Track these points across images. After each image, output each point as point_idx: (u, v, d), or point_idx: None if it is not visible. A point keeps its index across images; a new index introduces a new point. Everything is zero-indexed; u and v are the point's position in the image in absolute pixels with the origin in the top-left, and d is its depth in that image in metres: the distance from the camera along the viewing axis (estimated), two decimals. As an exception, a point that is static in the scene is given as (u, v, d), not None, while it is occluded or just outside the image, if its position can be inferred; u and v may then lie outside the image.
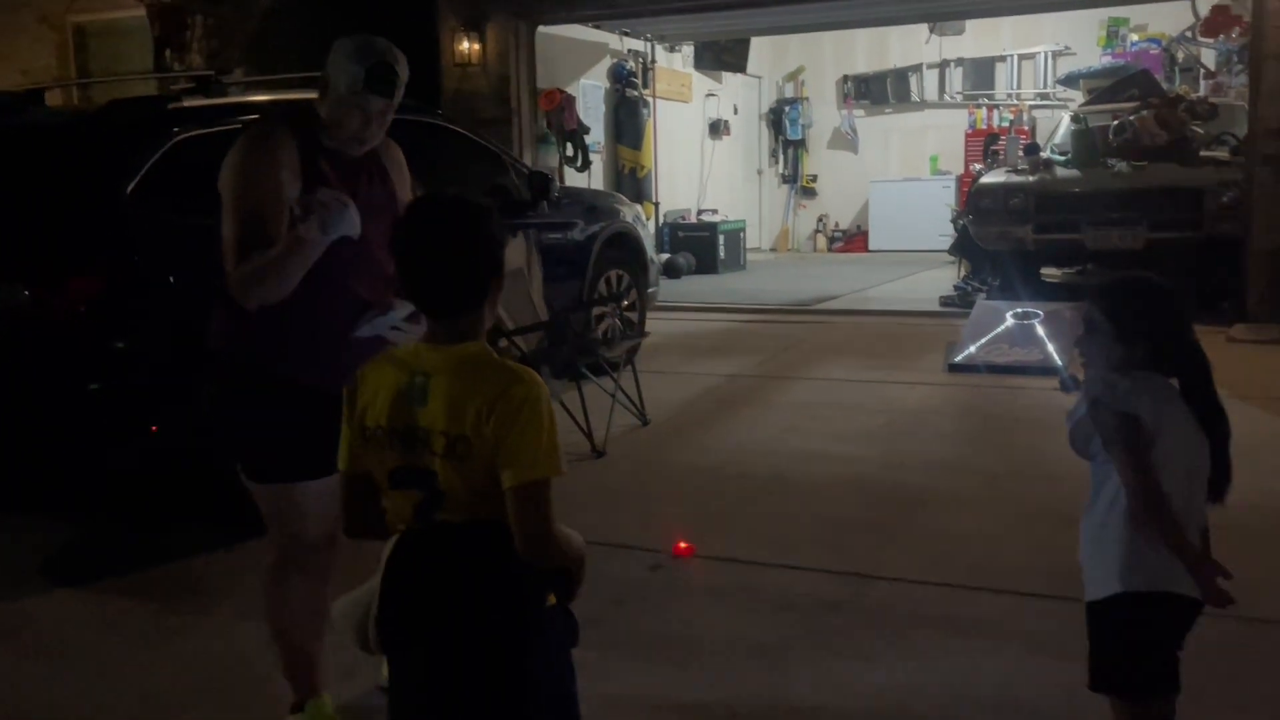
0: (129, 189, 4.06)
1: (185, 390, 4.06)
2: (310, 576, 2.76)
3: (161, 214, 4.13)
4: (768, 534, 4.28)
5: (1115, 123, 9.19)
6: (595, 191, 9.26)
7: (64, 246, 3.97)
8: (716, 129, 15.45)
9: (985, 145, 12.53)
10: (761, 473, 5.06)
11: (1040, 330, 7.10)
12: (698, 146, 15.09)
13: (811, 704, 2.98)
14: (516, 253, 5.82)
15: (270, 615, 2.80)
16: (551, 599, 1.92)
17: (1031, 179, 9.15)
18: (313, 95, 2.83)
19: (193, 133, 4.31)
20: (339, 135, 2.75)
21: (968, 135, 15.61)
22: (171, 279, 4.12)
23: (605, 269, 7.06)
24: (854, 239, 16.60)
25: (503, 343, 5.55)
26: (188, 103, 4.49)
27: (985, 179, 9.64)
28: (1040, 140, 11.77)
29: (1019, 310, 7.35)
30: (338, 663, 2.90)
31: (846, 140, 16.78)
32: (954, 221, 12.41)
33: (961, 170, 15.19)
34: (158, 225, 4.12)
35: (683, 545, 4.07)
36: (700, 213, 14.53)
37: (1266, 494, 4.19)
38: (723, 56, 14.82)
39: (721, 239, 13.65)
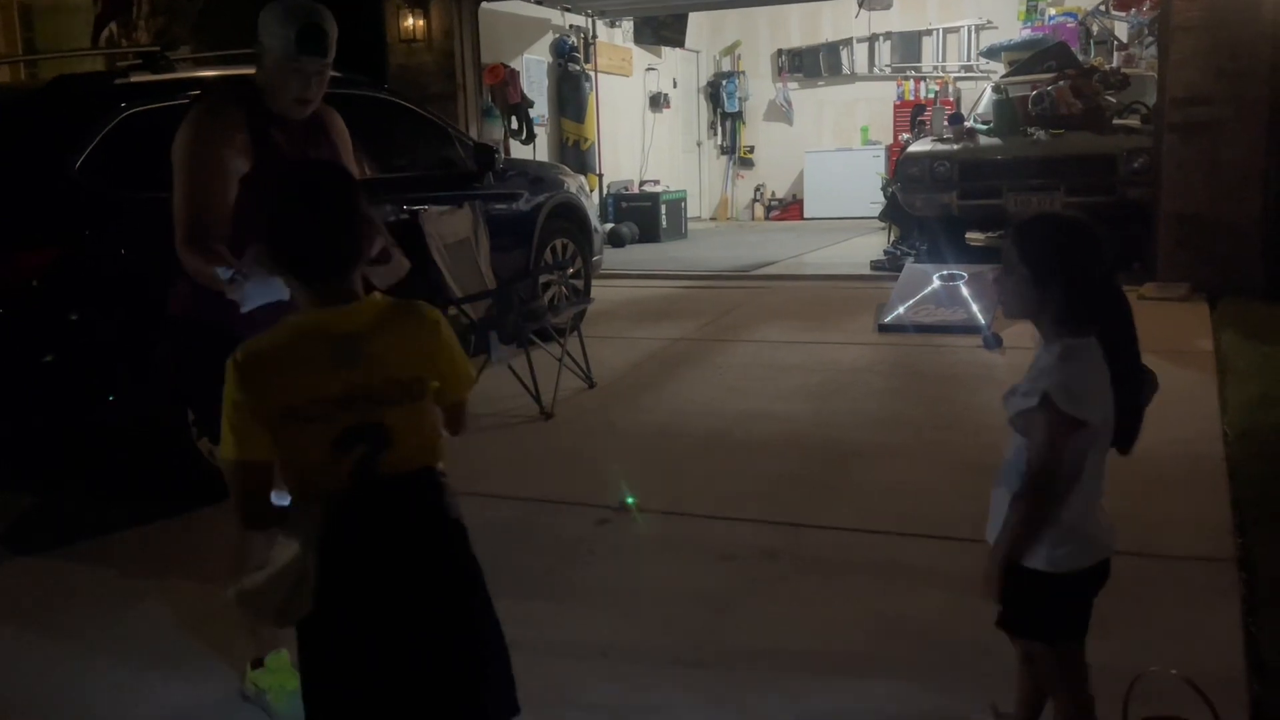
0: (78, 163, 3.97)
1: (139, 361, 4.02)
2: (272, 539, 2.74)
3: (111, 188, 4.04)
4: (710, 489, 4.32)
5: (1034, 93, 9.28)
6: (540, 163, 9.19)
7: (14, 221, 3.86)
8: (657, 102, 15.39)
9: (912, 116, 12.60)
10: (704, 431, 5.10)
11: (964, 291, 7.19)
12: (639, 119, 15.02)
13: (751, 647, 3.02)
14: (463, 223, 5.78)
15: (237, 575, 2.77)
16: None
17: (956, 147, 9.23)
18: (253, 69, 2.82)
19: (140, 108, 4.21)
20: (281, 100, 2.74)
21: (896, 106, 15.71)
22: (122, 252, 4.03)
23: (551, 238, 7.03)
24: (790, 207, 16.67)
25: (451, 310, 5.52)
26: (135, 78, 4.38)
27: (912, 148, 9.70)
28: (964, 110, 11.87)
29: (945, 273, 7.44)
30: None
31: (781, 112, 16.80)
32: (884, 189, 12.52)
33: (891, 140, 15.31)
34: (107, 199, 4.04)
35: (628, 501, 4.09)
36: (643, 184, 14.50)
37: (1170, 441, 4.29)
38: (661, 31, 14.73)
39: (663, 208, 13.64)
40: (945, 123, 9.93)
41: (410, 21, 9.96)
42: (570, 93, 12.67)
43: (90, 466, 4.56)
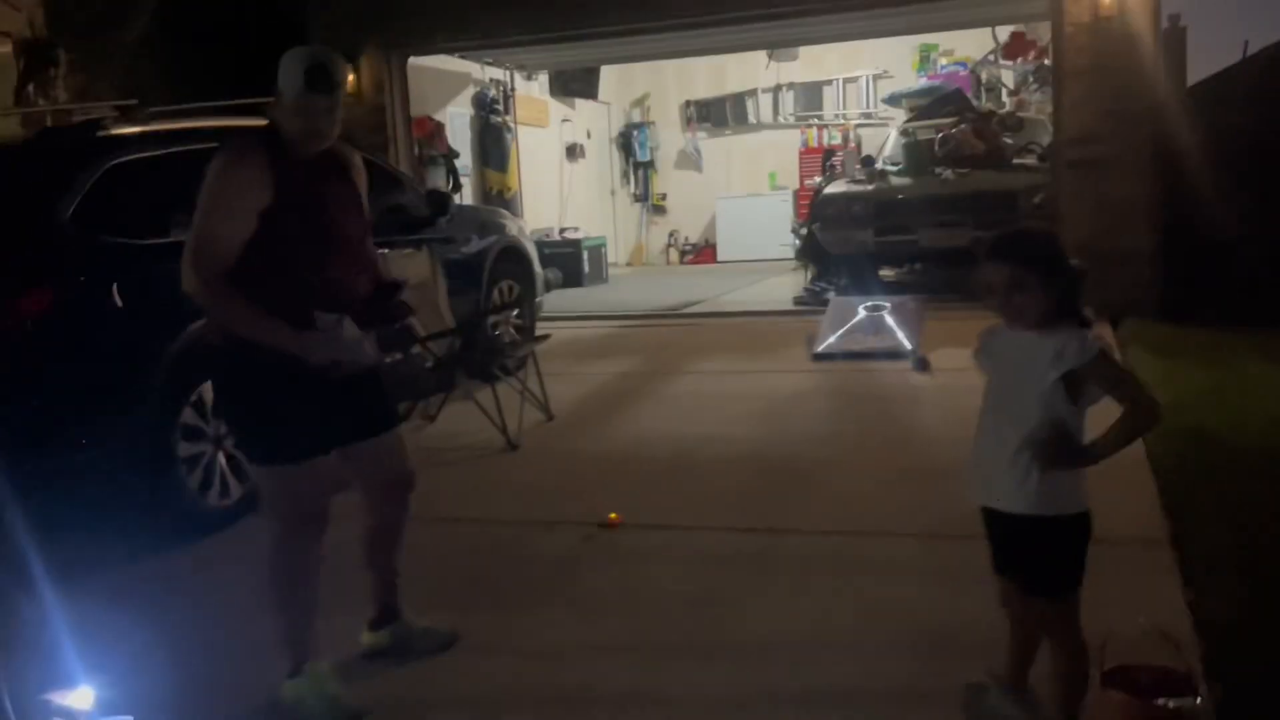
0: (69, 213, 4.08)
1: (131, 401, 4.13)
2: (309, 550, 2.90)
3: (101, 235, 4.16)
4: (681, 505, 4.55)
5: (940, 136, 9.87)
6: (485, 208, 9.43)
7: (9, 269, 3.95)
8: (573, 152, 15.73)
9: (823, 159, 13.18)
10: (665, 455, 5.34)
11: (889, 320, 7.60)
12: (556, 169, 15.33)
13: (742, 638, 3.26)
14: (422, 266, 5.96)
15: (272, 588, 2.92)
16: None
17: (870, 188, 9.74)
18: (233, 120, 2.99)
19: (124, 158, 4.34)
20: (298, 138, 2.92)
21: (801, 153, 16.35)
22: (114, 296, 4.14)
23: (498, 280, 7.25)
24: (703, 251, 17.12)
25: (416, 348, 5.69)
26: (114, 131, 4.50)
27: (829, 189, 10.20)
28: (870, 154, 12.45)
29: (870, 303, 7.85)
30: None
31: (692, 160, 17.32)
32: (794, 231, 13.06)
33: (797, 185, 15.92)
34: (98, 246, 4.15)
35: (611, 517, 4.30)
36: (562, 231, 14.78)
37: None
38: (570, 85, 15.14)
39: (586, 254, 13.95)
40: (858, 165, 10.46)
41: (340, 76, 10.12)
42: (492, 144, 12.92)
43: (81, 507, 4.57)
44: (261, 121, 3.06)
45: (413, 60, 10.68)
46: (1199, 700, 2.50)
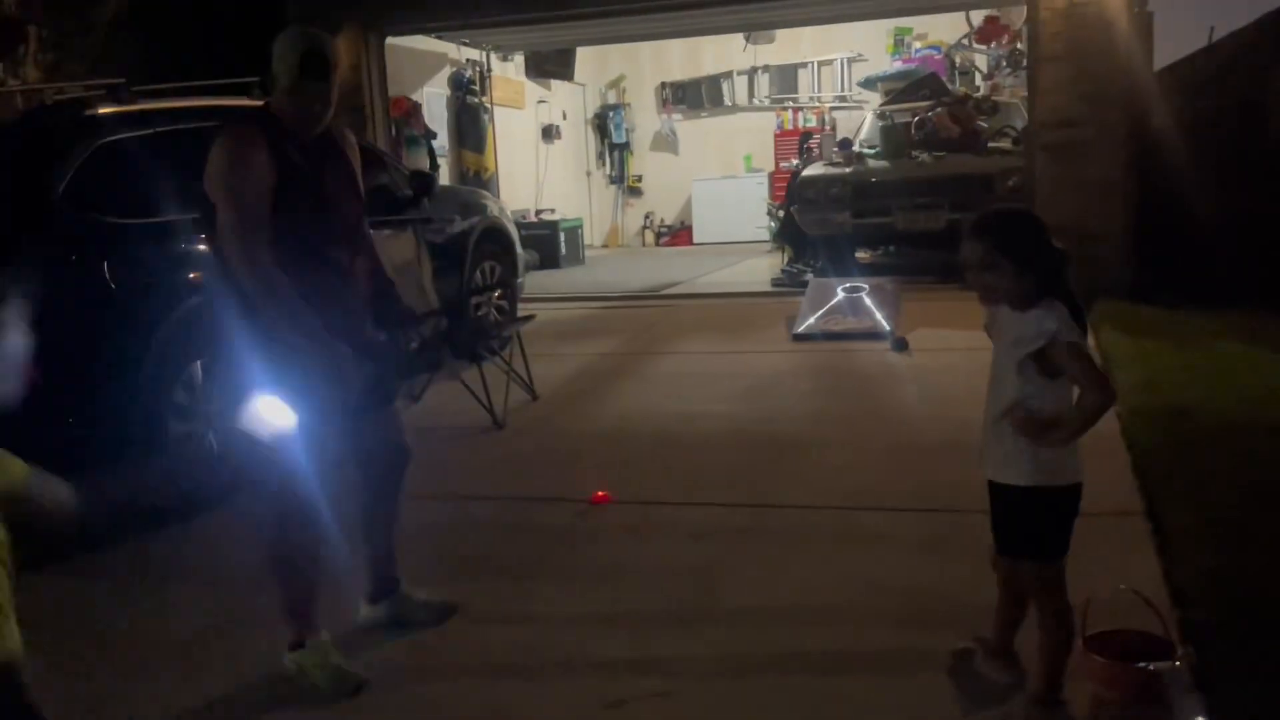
0: (59, 192, 4.09)
1: (125, 380, 4.16)
2: (311, 524, 2.95)
3: (92, 214, 4.17)
4: (670, 481, 4.63)
5: (916, 119, 9.98)
6: (467, 189, 9.44)
7: (1, 248, 3.96)
8: (549, 133, 15.73)
9: (800, 142, 13.27)
10: (651, 432, 5.42)
11: (868, 301, 7.71)
12: (533, 150, 15.34)
13: (738, 605, 3.35)
14: (407, 246, 5.99)
15: (274, 562, 2.98)
16: None
17: (848, 170, 9.84)
18: (221, 100, 3.01)
19: (114, 137, 4.35)
20: (293, 120, 2.96)
21: (777, 135, 16.42)
22: (105, 276, 4.16)
23: (481, 261, 7.28)
24: (679, 233, 17.19)
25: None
26: (102, 110, 4.50)
27: (807, 172, 10.28)
28: (847, 137, 12.54)
29: (848, 285, 7.95)
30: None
31: (667, 142, 17.37)
32: (770, 213, 13.14)
33: (773, 168, 16.00)
34: (89, 225, 4.16)
35: (600, 494, 4.38)
36: (538, 212, 14.80)
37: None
38: (545, 66, 15.13)
39: (562, 236, 13.99)
40: (835, 148, 10.54)
41: (317, 55, 10.05)
42: (469, 124, 12.91)
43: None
44: (251, 101, 3.09)
45: (389, 40, 10.64)
46: (1176, 663, 2.63)
